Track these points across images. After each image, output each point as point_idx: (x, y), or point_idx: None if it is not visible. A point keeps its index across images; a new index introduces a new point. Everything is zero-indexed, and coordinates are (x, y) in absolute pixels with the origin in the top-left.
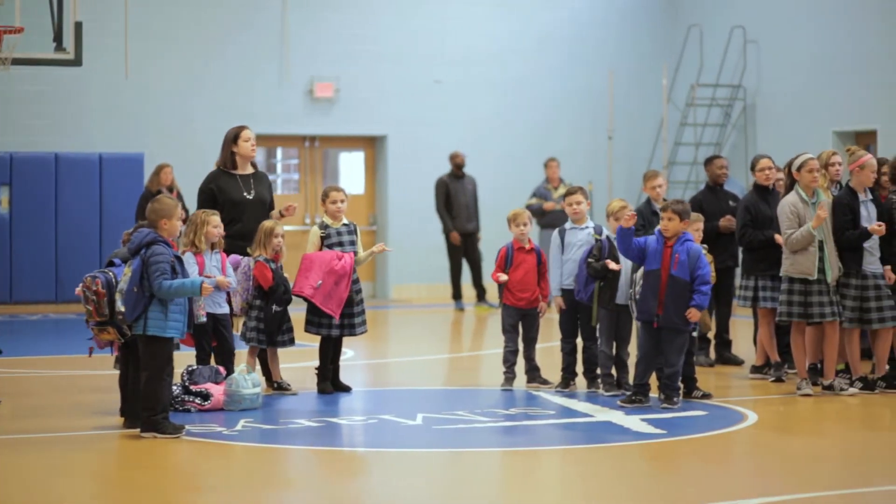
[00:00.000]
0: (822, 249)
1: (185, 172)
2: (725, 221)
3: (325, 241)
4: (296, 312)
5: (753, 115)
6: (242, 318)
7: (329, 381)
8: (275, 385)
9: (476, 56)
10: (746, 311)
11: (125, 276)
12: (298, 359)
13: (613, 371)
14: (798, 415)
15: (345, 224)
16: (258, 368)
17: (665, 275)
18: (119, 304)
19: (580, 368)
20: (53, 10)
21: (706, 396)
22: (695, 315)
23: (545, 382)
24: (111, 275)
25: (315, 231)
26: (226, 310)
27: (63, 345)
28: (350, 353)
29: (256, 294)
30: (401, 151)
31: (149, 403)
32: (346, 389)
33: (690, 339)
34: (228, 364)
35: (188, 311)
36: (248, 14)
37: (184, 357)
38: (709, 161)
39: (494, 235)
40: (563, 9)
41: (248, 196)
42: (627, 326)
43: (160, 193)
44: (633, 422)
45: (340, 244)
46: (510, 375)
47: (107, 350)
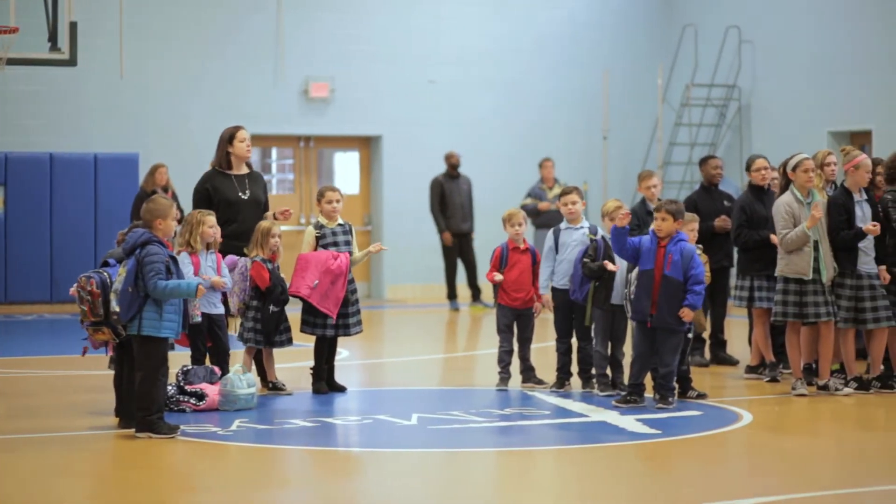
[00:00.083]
0: (818, 249)
1: (181, 173)
2: (720, 221)
3: (321, 241)
4: (293, 312)
5: (748, 116)
6: (238, 319)
7: (324, 382)
8: (270, 385)
9: (471, 56)
10: (741, 311)
11: (120, 277)
12: (293, 359)
13: (608, 371)
14: (793, 415)
15: (340, 224)
16: (253, 368)
17: (658, 275)
18: (114, 305)
19: (575, 368)
20: (48, 10)
21: (701, 396)
22: (688, 315)
23: (540, 382)
24: (106, 275)
25: (310, 231)
26: (221, 310)
27: (58, 345)
28: (345, 354)
29: (253, 294)
30: (396, 151)
31: (143, 403)
32: (341, 389)
33: (685, 340)
34: (223, 364)
35: (183, 312)
36: (244, 14)
37: (179, 357)
38: (704, 161)
39: (489, 235)
40: (558, 9)
41: (244, 196)
42: (622, 326)
43: (155, 194)
44: (628, 422)
45: (335, 244)
46: (505, 375)
47: (101, 350)
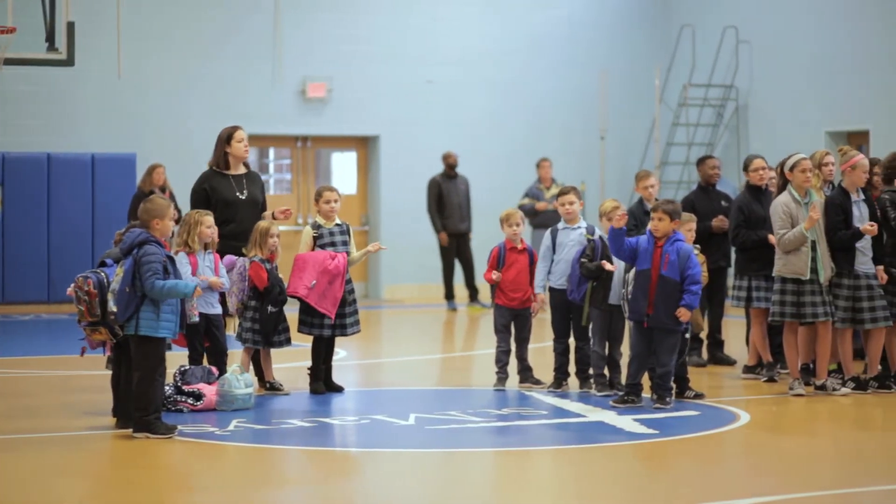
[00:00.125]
0: (815, 249)
1: (178, 173)
2: (718, 221)
3: (318, 241)
4: (291, 313)
5: (746, 116)
6: (236, 319)
7: (321, 382)
8: (267, 385)
9: (469, 56)
10: (739, 312)
11: (117, 277)
12: (291, 359)
13: (606, 371)
14: (790, 415)
15: (337, 224)
16: (251, 368)
17: (655, 275)
18: (111, 304)
19: (572, 368)
20: (46, 10)
21: (698, 396)
22: (684, 315)
23: (537, 382)
24: (103, 275)
25: (308, 231)
26: (218, 310)
27: (55, 345)
28: (342, 354)
29: (252, 294)
30: (393, 152)
31: (141, 404)
32: (339, 390)
33: (682, 340)
34: (221, 364)
35: (180, 312)
36: (241, 14)
37: (176, 357)
38: (701, 161)
39: (487, 236)
40: (556, 9)
41: (241, 196)
42: (620, 326)
43: (152, 194)
44: (626, 422)
45: (333, 244)
46: (502, 375)
47: (99, 350)
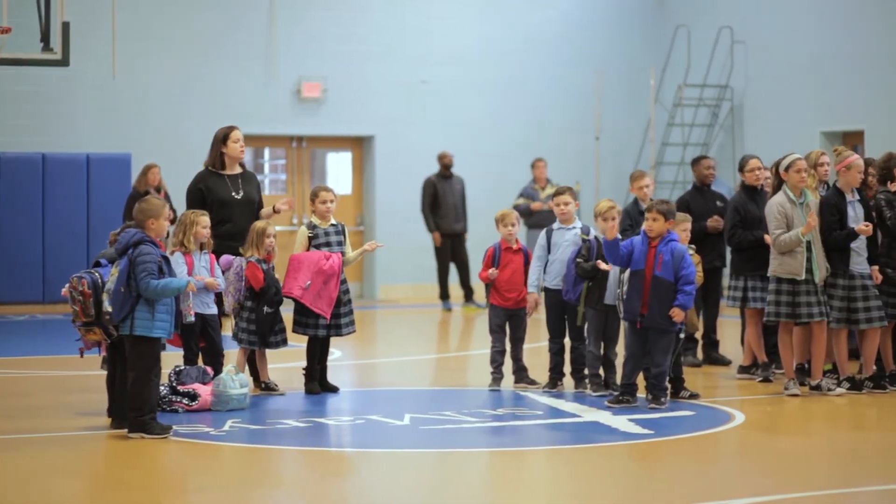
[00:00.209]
0: (810, 250)
1: (173, 173)
2: (713, 222)
3: (313, 242)
4: (286, 313)
5: (741, 116)
6: (232, 319)
7: (316, 382)
8: (262, 385)
9: (464, 56)
10: (734, 312)
11: (112, 277)
12: (286, 359)
13: (601, 371)
14: (785, 415)
15: (333, 224)
16: (246, 369)
17: (649, 275)
18: (106, 305)
19: (568, 368)
20: (41, 11)
21: (694, 396)
22: (678, 315)
23: (533, 383)
24: (97, 275)
25: (303, 231)
26: (214, 310)
27: (50, 345)
28: (338, 354)
29: (248, 295)
30: (388, 152)
31: (136, 404)
32: (334, 390)
33: (677, 340)
34: (216, 364)
35: (175, 312)
36: (236, 14)
37: (171, 357)
38: (696, 161)
39: (482, 236)
40: (551, 9)
41: (237, 196)
42: (615, 326)
43: (148, 194)
44: (621, 422)
45: (328, 244)
46: (498, 376)
47: (95, 350)
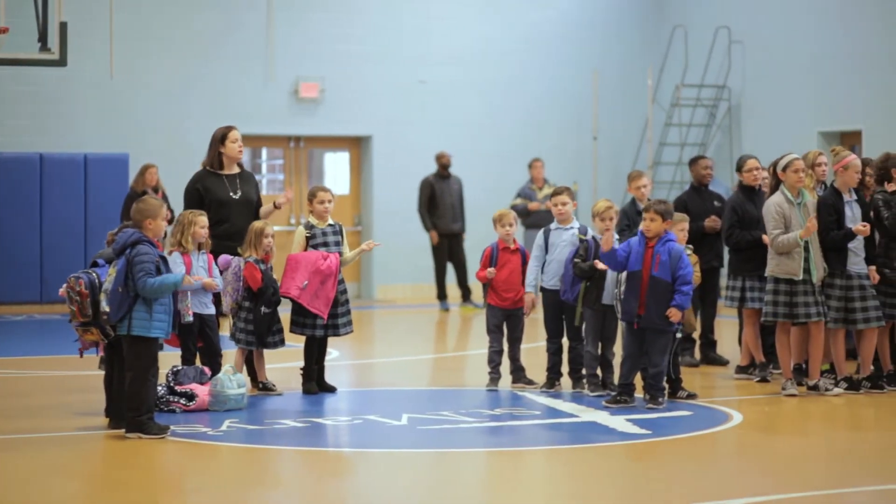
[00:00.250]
0: (808, 250)
1: (171, 173)
2: (710, 222)
3: (311, 242)
4: (284, 313)
5: (738, 116)
6: (230, 319)
7: (314, 382)
8: (260, 385)
9: (461, 56)
10: (731, 312)
11: (110, 277)
12: (283, 359)
13: (599, 371)
14: (783, 415)
15: (330, 224)
16: (244, 369)
17: (646, 275)
18: (104, 305)
19: (565, 368)
20: (38, 11)
21: (691, 397)
22: (675, 315)
23: (530, 383)
24: (94, 275)
25: (300, 231)
26: (212, 310)
27: (48, 345)
28: (335, 354)
29: (246, 295)
30: (386, 152)
31: (133, 404)
32: (332, 390)
33: (673, 339)
34: (214, 364)
35: (173, 312)
36: (234, 14)
37: (169, 357)
38: (693, 161)
39: (479, 236)
40: (549, 9)
41: (235, 196)
42: (613, 326)
43: (145, 194)
44: (619, 422)
45: (326, 244)
46: (495, 376)
47: (94, 351)
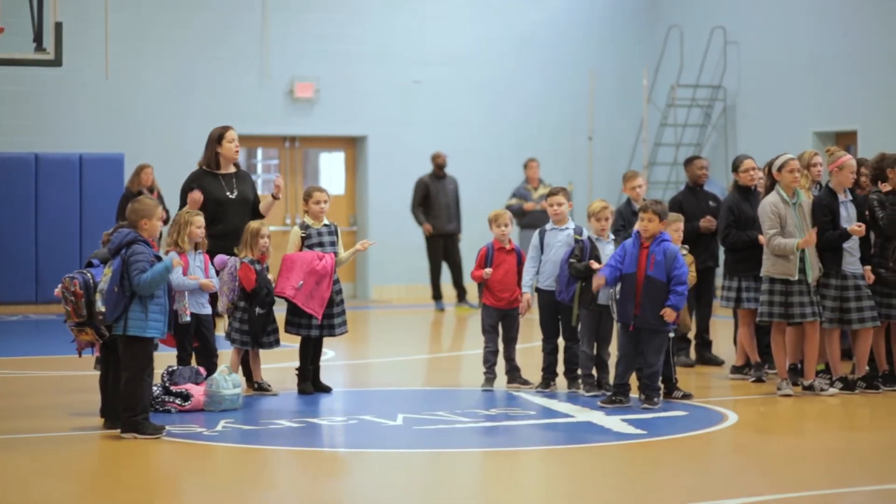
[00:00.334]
0: (803, 250)
1: (166, 173)
2: (706, 222)
3: (306, 242)
4: (279, 313)
5: (734, 116)
6: (226, 318)
7: (309, 382)
8: (255, 386)
9: (456, 57)
10: (727, 312)
11: (105, 277)
12: (279, 359)
13: (594, 371)
14: (778, 415)
15: (325, 225)
16: (239, 369)
17: (641, 276)
18: (99, 305)
19: (561, 369)
20: (34, 11)
21: (686, 397)
22: (670, 315)
23: (525, 383)
24: (89, 275)
25: (296, 231)
26: (208, 310)
27: (43, 345)
28: (330, 354)
29: (241, 295)
30: (381, 152)
31: (129, 404)
32: (327, 390)
33: (669, 340)
34: (210, 364)
35: (168, 312)
36: (229, 14)
37: (164, 357)
38: (689, 161)
39: (475, 236)
40: (544, 10)
41: (231, 195)
42: (608, 327)
43: (141, 194)
44: (614, 422)
45: (321, 244)
46: (490, 376)
47: (91, 351)
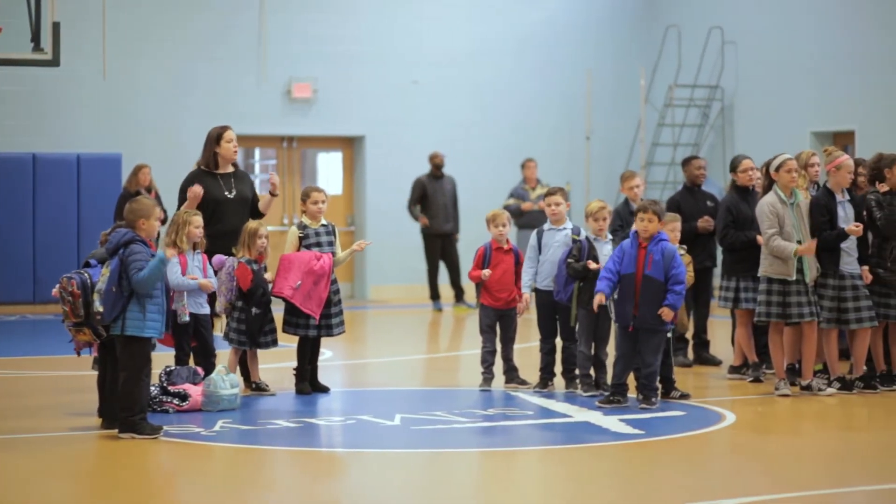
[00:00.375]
0: None
1: (164, 173)
2: (703, 222)
3: (304, 242)
4: (279, 313)
5: (731, 116)
6: (224, 318)
7: (307, 382)
8: (253, 386)
9: (454, 57)
10: (724, 312)
11: (103, 277)
12: (277, 359)
13: (592, 371)
14: (776, 415)
15: (323, 225)
16: (237, 369)
17: (639, 276)
18: (97, 305)
19: (558, 369)
20: (31, 11)
21: (684, 397)
22: (668, 314)
23: (523, 383)
24: (86, 276)
25: (293, 231)
26: (207, 310)
27: (41, 345)
28: (328, 354)
29: (239, 295)
30: (379, 152)
31: (127, 404)
32: (325, 390)
33: (667, 340)
34: (208, 364)
35: (166, 311)
36: (227, 15)
37: (162, 357)
38: (686, 162)
39: (472, 236)
40: (542, 10)
41: (230, 195)
42: (606, 327)
43: (138, 194)
44: (612, 422)
45: (319, 245)
46: (488, 376)
47: (89, 350)
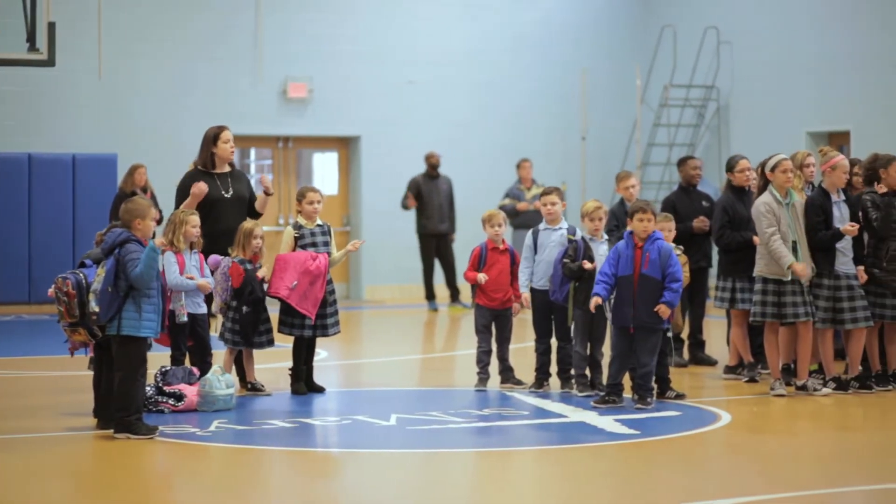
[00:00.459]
0: (796, 251)
1: (159, 173)
2: (699, 222)
3: (299, 242)
4: (274, 313)
5: (727, 116)
6: (219, 318)
7: (303, 382)
8: (248, 386)
9: (450, 57)
10: (720, 312)
11: (99, 277)
12: (272, 359)
13: (587, 371)
14: (771, 415)
15: (319, 225)
16: (232, 369)
17: (636, 276)
18: (93, 305)
19: (554, 369)
20: (27, 11)
21: (680, 397)
22: (664, 312)
23: (519, 383)
24: (82, 276)
25: (289, 231)
26: (204, 310)
27: (36, 346)
28: (324, 354)
29: (234, 295)
30: (374, 152)
31: (122, 404)
32: (320, 390)
33: (664, 340)
34: (204, 364)
35: (162, 311)
36: (222, 15)
37: (158, 357)
38: (682, 162)
39: (468, 236)
40: (537, 9)
41: (227, 195)
42: (601, 327)
43: (134, 194)
44: (607, 422)
45: (314, 245)
46: (484, 376)
47: (85, 351)
